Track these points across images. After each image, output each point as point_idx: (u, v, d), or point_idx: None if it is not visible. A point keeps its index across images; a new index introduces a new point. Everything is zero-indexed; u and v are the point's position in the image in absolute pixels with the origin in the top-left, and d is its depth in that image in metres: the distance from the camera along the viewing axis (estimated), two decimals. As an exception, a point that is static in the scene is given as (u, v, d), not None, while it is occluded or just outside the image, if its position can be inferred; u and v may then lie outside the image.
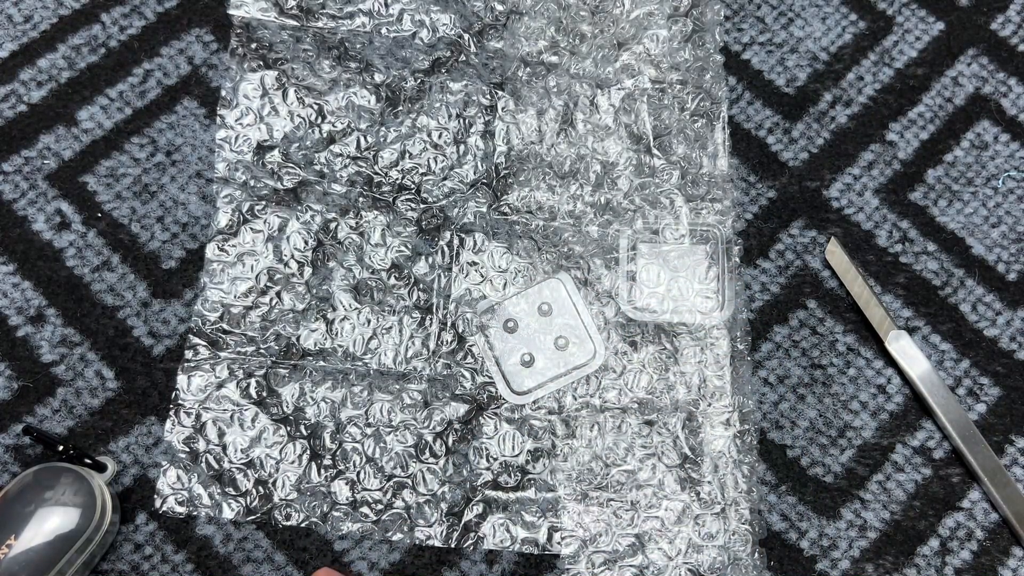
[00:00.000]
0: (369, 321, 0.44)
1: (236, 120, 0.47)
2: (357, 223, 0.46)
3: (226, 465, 0.42)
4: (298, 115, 0.47)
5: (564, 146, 0.48)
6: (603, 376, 0.44)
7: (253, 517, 0.41)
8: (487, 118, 0.48)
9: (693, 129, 0.48)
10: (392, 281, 0.45)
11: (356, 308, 0.44)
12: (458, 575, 0.41)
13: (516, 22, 0.50)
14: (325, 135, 0.47)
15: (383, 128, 0.47)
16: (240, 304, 0.44)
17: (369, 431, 0.43)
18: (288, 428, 0.42)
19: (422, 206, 0.46)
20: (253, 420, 0.42)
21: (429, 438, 0.43)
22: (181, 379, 0.43)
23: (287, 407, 0.43)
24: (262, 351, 0.44)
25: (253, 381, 0.43)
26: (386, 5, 0.49)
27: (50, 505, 0.38)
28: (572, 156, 0.47)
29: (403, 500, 0.42)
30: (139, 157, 0.47)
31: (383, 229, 0.46)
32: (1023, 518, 0.42)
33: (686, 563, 0.41)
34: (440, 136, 0.47)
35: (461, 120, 0.48)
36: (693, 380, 0.44)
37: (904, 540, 0.42)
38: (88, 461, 0.40)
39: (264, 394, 0.43)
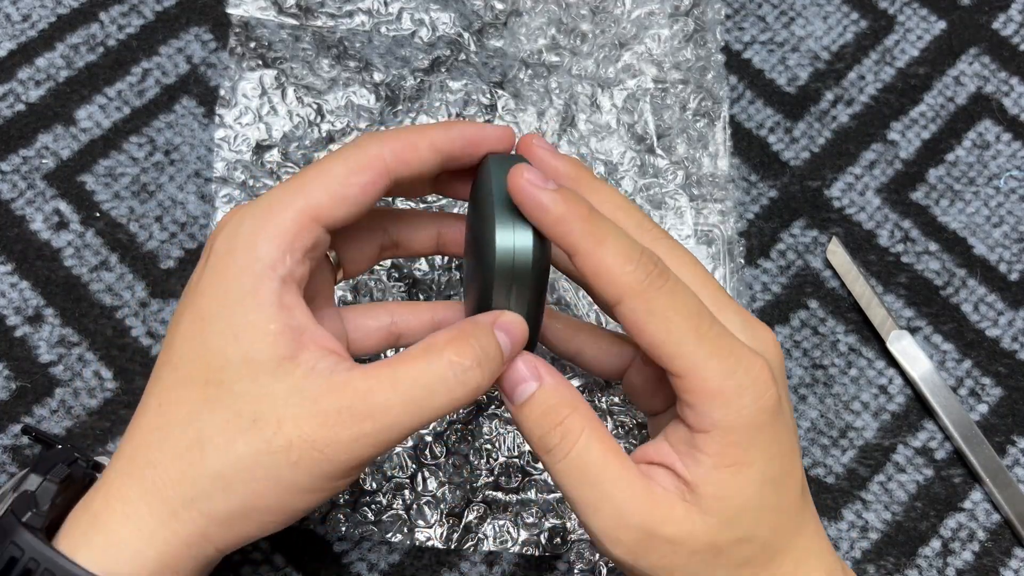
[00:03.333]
0: (369, 321, 0.44)
1: (235, 119, 0.47)
2: (357, 223, 0.46)
3: (225, 466, 0.42)
4: (297, 114, 0.47)
5: (565, 146, 0.47)
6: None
7: (252, 518, 0.41)
8: (487, 117, 0.48)
9: (695, 129, 0.48)
10: (392, 281, 0.45)
11: (356, 308, 0.44)
12: (458, 576, 0.41)
13: (516, 21, 0.49)
14: (324, 134, 0.47)
15: (382, 127, 0.47)
16: (239, 304, 0.44)
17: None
18: (287, 429, 0.42)
19: (422, 205, 0.46)
20: (252, 421, 0.42)
21: (429, 439, 0.42)
22: (180, 379, 0.43)
23: (286, 408, 0.43)
24: (261, 351, 0.43)
25: (252, 381, 0.43)
26: (385, 4, 0.49)
27: (48, 506, 0.38)
28: (574, 155, 0.47)
29: (403, 501, 0.41)
30: (137, 156, 0.47)
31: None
32: (1025, 519, 0.42)
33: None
34: (440, 135, 0.47)
35: (461, 119, 0.48)
36: (694, 380, 0.44)
37: (906, 541, 0.42)
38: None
39: (263, 394, 0.43)
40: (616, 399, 0.43)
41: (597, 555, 0.41)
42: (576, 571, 0.41)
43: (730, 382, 0.29)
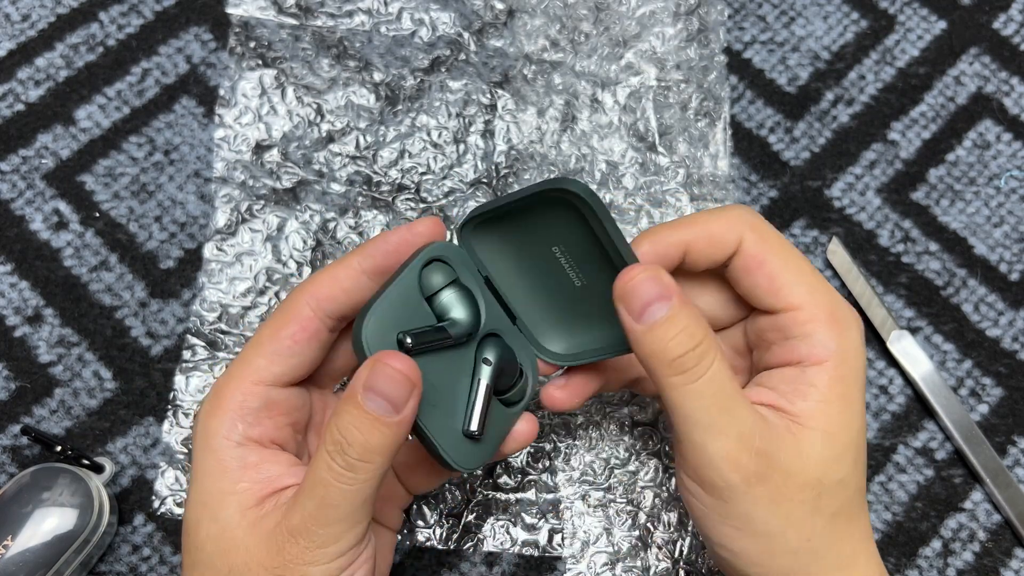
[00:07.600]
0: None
1: (235, 119, 0.47)
2: (356, 223, 0.46)
3: (225, 466, 0.42)
4: (297, 114, 0.47)
5: (566, 144, 0.47)
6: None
7: (252, 518, 0.41)
8: (487, 117, 0.48)
9: (696, 128, 0.48)
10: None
11: (355, 308, 0.44)
12: (458, 577, 0.41)
13: (517, 20, 0.49)
14: (324, 134, 0.47)
15: (382, 127, 0.47)
16: (238, 304, 0.44)
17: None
18: (287, 429, 0.42)
19: (422, 206, 0.46)
20: (252, 421, 0.42)
21: (429, 439, 0.42)
22: (179, 379, 0.43)
23: (286, 408, 0.43)
24: (261, 351, 0.43)
25: (252, 381, 0.43)
26: (385, 3, 0.49)
27: (47, 506, 0.38)
28: (575, 154, 0.47)
29: (403, 501, 0.41)
30: (137, 156, 0.47)
31: (382, 229, 0.46)
32: (1026, 519, 0.42)
33: (688, 565, 0.41)
34: (440, 135, 0.47)
35: (461, 119, 0.48)
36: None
37: (906, 541, 0.42)
38: (86, 462, 0.40)
39: (263, 395, 0.43)
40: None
41: (590, 552, 0.41)
42: (567, 568, 0.41)
43: (842, 312, 0.30)
